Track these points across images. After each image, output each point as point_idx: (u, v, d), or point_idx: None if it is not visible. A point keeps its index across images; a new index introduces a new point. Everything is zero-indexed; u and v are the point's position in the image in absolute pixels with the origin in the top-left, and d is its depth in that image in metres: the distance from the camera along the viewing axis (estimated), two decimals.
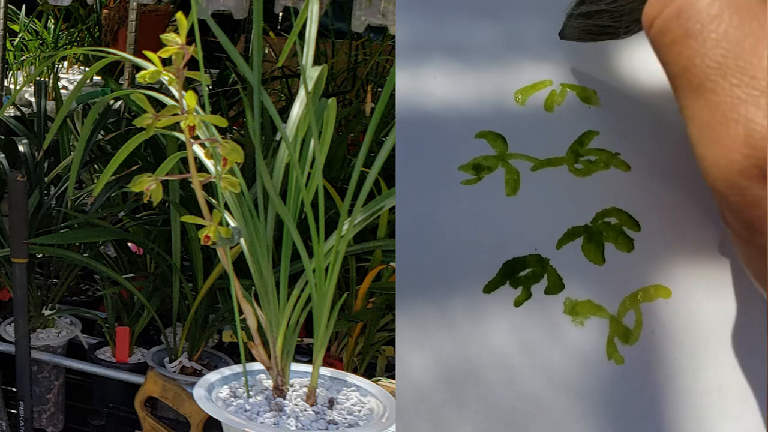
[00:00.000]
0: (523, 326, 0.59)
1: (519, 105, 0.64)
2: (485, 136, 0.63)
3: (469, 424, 0.57)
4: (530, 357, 0.58)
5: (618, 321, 0.59)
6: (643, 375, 0.57)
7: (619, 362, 0.58)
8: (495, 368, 0.58)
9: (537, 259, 0.60)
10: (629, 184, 0.61)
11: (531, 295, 0.60)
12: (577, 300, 0.59)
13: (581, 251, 0.60)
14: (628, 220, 0.60)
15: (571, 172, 0.62)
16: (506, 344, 0.59)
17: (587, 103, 0.63)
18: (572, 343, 0.58)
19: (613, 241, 0.60)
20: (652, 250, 0.60)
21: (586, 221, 0.61)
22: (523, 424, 0.57)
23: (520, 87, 0.64)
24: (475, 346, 0.59)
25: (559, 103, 0.64)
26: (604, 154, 0.62)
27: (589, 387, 0.57)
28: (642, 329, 0.58)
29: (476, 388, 0.58)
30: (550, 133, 0.63)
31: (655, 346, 0.58)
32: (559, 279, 0.60)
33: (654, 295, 0.59)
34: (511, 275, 0.60)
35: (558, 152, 0.62)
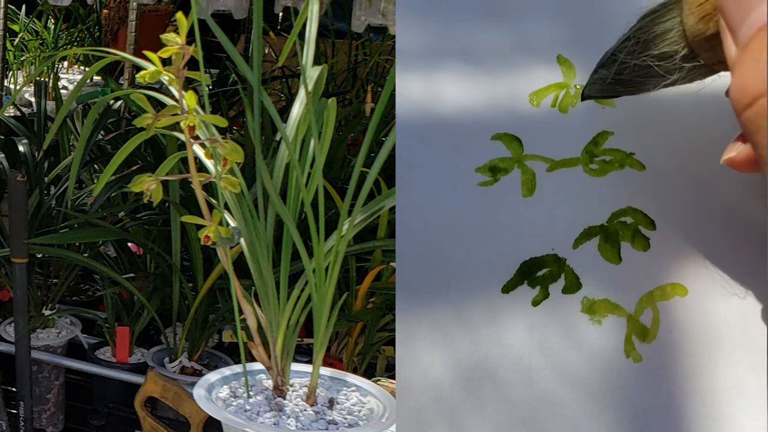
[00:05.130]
0: (541, 326, 0.59)
1: (534, 107, 0.64)
2: (501, 138, 0.64)
3: (488, 423, 0.57)
4: (548, 356, 0.59)
5: (635, 319, 0.59)
6: (661, 373, 0.58)
7: (637, 360, 0.58)
8: (513, 368, 0.59)
9: (554, 258, 0.61)
10: (644, 184, 0.61)
11: (549, 295, 0.60)
12: (595, 299, 0.60)
13: (598, 251, 0.61)
14: (644, 219, 0.61)
15: (587, 173, 0.62)
16: (524, 344, 0.59)
17: (601, 104, 0.64)
18: (590, 342, 0.59)
19: (629, 240, 0.60)
20: (668, 249, 0.60)
21: (602, 221, 0.61)
22: (542, 423, 0.57)
23: (534, 89, 0.65)
24: (494, 347, 0.59)
25: (574, 105, 0.64)
26: (618, 154, 0.62)
27: (607, 385, 0.58)
28: (659, 327, 0.59)
29: (495, 388, 0.58)
30: (564, 134, 0.63)
31: (672, 344, 0.58)
32: (576, 278, 0.60)
33: (671, 293, 0.59)
34: (528, 275, 0.60)
35: (573, 153, 0.63)
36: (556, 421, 0.57)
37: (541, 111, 0.64)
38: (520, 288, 0.60)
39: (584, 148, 0.63)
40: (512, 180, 0.63)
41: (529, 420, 0.57)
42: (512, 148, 0.63)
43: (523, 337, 0.59)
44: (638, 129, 0.63)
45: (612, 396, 0.57)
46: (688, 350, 0.58)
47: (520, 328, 0.59)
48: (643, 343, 0.58)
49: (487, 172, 0.63)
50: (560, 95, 0.64)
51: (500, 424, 0.57)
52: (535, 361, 0.58)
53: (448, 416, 0.58)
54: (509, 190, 0.62)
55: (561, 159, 0.63)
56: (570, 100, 0.64)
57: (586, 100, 0.61)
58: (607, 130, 0.63)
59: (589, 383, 0.58)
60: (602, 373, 0.58)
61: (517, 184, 0.62)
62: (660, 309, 0.59)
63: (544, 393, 0.58)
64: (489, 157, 0.63)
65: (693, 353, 0.58)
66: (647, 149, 0.62)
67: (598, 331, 0.59)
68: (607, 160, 0.62)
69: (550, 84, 0.64)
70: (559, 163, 0.63)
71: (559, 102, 0.64)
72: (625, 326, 0.59)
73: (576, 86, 0.64)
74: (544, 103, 0.64)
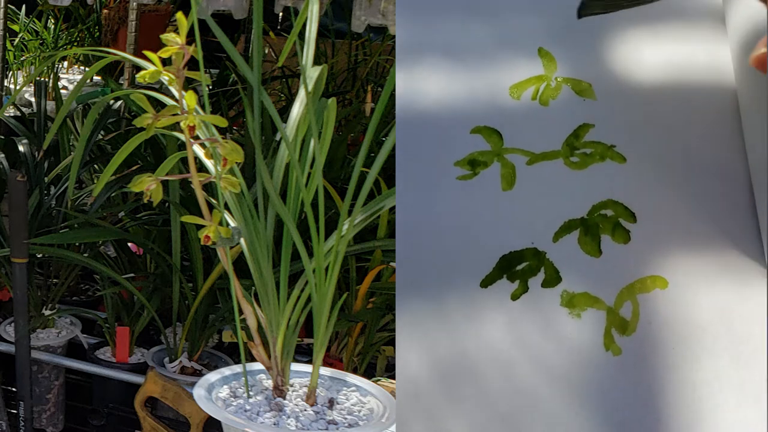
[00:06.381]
0: (519, 320, 0.59)
1: (514, 100, 0.64)
2: (480, 132, 0.64)
3: (465, 419, 0.57)
4: (527, 351, 0.59)
5: (615, 312, 0.59)
6: (641, 366, 0.58)
7: (617, 353, 0.58)
8: (492, 363, 0.59)
9: (534, 252, 0.61)
10: (625, 176, 0.62)
11: (528, 289, 0.60)
12: (574, 292, 0.60)
13: (578, 244, 0.61)
14: (624, 212, 0.61)
15: (567, 166, 0.63)
16: (503, 339, 0.59)
17: (582, 96, 0.64)
18: (569, 336, 0.59)
19: (610, 233, 0.61)
20: (648, 242, 0.60)
21: (582, 214, 0.61)
22: (520, 418, 0.57)
23: (514, 82, 0.65)
24: (472, 342, 0.59)
25: (554, 97, 0.64)
26: (599, 146, 0.63)
27: (586, 379, 0.58)
28: (639, 320, 0.59)
29: (473, 384, 0.58)
30: (545, 127, 0.64)
31: (652, 337, 0.58)
32: (555, 272, 0.60)
33: (651, 286, 0.59)
34: (507, 269, 0.60)
35: (553, 146, 0.63)
36: (534, 416, 0.57)
37: (521, 104, 0.64)
38: (499, 282, 0.60)
39: (565, 141, 0.63)
40: (492, 173, 0.63)
41: (508, 415, 0.57)
42: (492, 141, 0.63)
43: (502, 332, 0.59)
44: (619, 121, 0.63)
45: (591, 389, 0.58)
46: (669, 343, 0.58)
47: (499, 323, 0.59)
48: (623, 336, 0.58)
49: (467, 166, 0.63)
50: (541, 88, 0.64)
51: (479, 419, 0.57)
52: (515, 356, 0.58)
53: (426, 412, 0.58)
54: (489, 183, 0.62)
55: (541, 152, 0.63)
56: (551, 93, 0.64)
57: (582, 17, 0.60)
58: (588, 123, 0.63)
59: (569, 377, 0.58)
60: (582, 366, 0.58)
61: (497, 178, 0.63)
62: (640, 301, 0.59)
63: (523, 387, 0.58)
64: (468, 150, 0.63)
65: (673, 346, 0.58)
66: (628, 142, 0.62)
67: (577, 325, 0.59)
68: (588, 153, 0.62)
69: (531, 77, 0.64)
70: (539, 156, 0.63)
71: (540, 94, 0.64)
72: (604, 319, 0.59)
73: (557, 78, 0.64)
74: (525, 95, 0.64)
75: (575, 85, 0.64)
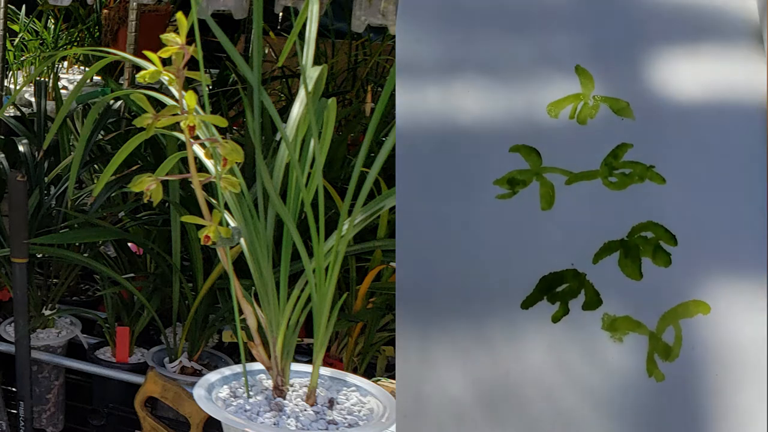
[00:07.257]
0: (561, 343, 0.59)
1: (552, 118, 0.64)
2: (519, 150, 0.63)
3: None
4: (569, 374, 0.58)
5: (657, 337, 0.58)
6: (684, 392, 0.57)
7: (660, 379, 0.58)
8: (533, 386, 0.58)
9: (574, 273, 0.60)
10: (665, 197, 0.61)
11: (569, 311, 0.59)
12: (616, 316, 0.59)
13: (618, 266, 0.60)
14: (665, 234, 0.60)
15: (606, 186, 0.62)
16: (544, 361, 0.59)
17: (620, 116, 0.63)
18: (611, 360, 0.58)
19: (650, 255, 0.60)
20: (689, 265, 0.59)
21: (622, 235, 0.61)
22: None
23: (551, 100, 0.64)
24: (514, 364, 0.59)
25: (592, 116, 0.63)
26: (638, 166, 0.62)
27: (629, 404, 0.57)
28: (682, 346, 0.58)
29: (515, 406, 0.58)
30: (583, 146, 0.63)
31: (695, 363, 0.58)
32: (596, 294, 0.60)
33: (693, 310, 0.58)
34: (548, 290, 0.60)
35: (592, 165, 0.62)
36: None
37: (559, 122, 0.63)
38: (540, 303, 0.60)
39: (603, 161, 0.62)
40: (531, 193, 0.62)
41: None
42: (530, 160, 0.63)
43: (544, 355, 0.59)
44: (658, 141, 0.62)
45: (634, 415, 0.57)
46: (712, 369, 0.57)
47: (541, 346, 0.59)
48: (666, 361, 0.58)
49: (506, 185, 0.62)
50: (579, 106, 0.64)
51: None
52: (556, 379, 0.58)
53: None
54: (528, 203, 0.62)
55: (580, 171, 0.62)
56: (588, 112, 0.63)
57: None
58: (627, 143, 0.62)
59: (611, 402, 0.57)
60: (624, 392, 0.57)
61: (536, 197, 0.62)
62: (683, 327, 0.58)
63: (565, 411, 0.57)
64: (507, 169, 0.63)
65: (717, 371, 0.57)
66: (667, 162, 0.61)
67: (619, 349, 0.58)
68: (626, 173, 0.62)
69: (568, 95, 0.64)
70: (578, 175, 0.62)
71: (578, 113, 0.63)
72: (647, 344, 0.58)
73: (594, 97, 0.64)
74: (563, 114, 0.64)
75: (613, 104, 0.63)
